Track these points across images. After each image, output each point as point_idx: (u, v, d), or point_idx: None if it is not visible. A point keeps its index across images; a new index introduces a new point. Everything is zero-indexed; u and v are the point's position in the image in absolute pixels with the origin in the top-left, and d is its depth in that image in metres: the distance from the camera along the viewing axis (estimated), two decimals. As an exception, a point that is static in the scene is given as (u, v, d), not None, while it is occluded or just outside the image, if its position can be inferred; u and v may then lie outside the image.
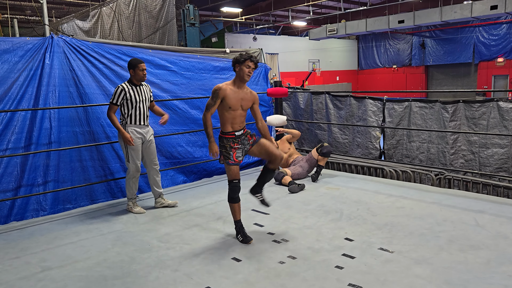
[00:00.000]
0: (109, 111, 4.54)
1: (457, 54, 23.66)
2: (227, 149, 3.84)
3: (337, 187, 5.64)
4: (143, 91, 4.68)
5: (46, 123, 4.93)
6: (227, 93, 3.78)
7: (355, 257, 3.49)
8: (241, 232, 3.94)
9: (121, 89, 4.54)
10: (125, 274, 3.35)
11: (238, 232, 3.97)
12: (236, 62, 3.83)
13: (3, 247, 3.96)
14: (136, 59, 4.63)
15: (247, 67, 3.81)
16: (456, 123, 6.25)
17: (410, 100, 6.72)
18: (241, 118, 3.90)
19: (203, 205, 5.08)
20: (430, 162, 6.53)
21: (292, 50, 23.66)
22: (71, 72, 5.13)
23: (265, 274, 3.26)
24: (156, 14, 9.55)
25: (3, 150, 4.64)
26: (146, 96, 4.70)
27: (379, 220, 4.35)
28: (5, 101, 4.64)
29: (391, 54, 26.74)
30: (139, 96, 4.61)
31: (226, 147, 3.84)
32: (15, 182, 4.74)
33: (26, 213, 4.81)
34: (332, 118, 7.57)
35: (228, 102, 3.78)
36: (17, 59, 4.72)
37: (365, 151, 7.19)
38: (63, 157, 5.06)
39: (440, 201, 4.89)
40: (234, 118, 3.83)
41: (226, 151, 3.84)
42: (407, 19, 16.90)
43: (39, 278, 3.31)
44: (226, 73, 6.73)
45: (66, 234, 4.26)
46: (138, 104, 4.62)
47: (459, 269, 3.24)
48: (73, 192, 5.15)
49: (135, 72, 4.56)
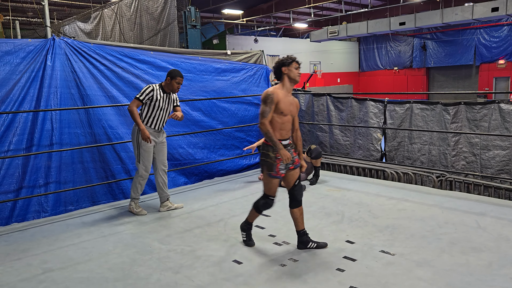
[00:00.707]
0: (132, 104, 4.48)
1: (458, 56, 23.66)
2: (272, 159, 3.55)
3: (338, 189, 5.63)
4: (170, 100, 4.72)
5: (48, 124, 4.94)
6: (280, 97, 3.54)
7: (357, 260, 3.48)
8: (248, 233, 3.89)
9: (151, 88, 4.54)
10: (126, 276, 3.35)
11: (245, 231, 3.89)
12: (282, 65, 3.62)
13: (4, 248, 3.96)
14: (179, 72, 4.66)
15: (295, 67, 3.64)
16: (457, 125, 6.24)
17: (412, 102, 6.72)
18: (289, 125, 3.66)
19: (205, 207, 5.07)
20: (431, 164, 6.52)
21: (293, 52, 23.56)
22: (73, 74, 5.14)
23: (266, 277, 3.26)
24: (158, 16, 9.56)
25: (5, 152, 4.65)
26: (171, 105, 4.75)
27: (380, 222, 4.34)
28: (7, 102, 4.64)
29: (392, 56, 26.75)
30: (164, 103, 4.63)
31: (272, 157, 3.55)
32: (16, 183, 4.74)
33: (28, 214, 4.82)
34: (333, 119, 7.57)
35: (281, 106, 3.53)
36: (18, 61, 4.72)
37: (366, 153, 7.19)
38: (64, 159, 5.06)
39: (441, 203, 4.88)
40: (283, 124, 3.58)
41: (271, 161, 3.56)
42: (408, 21, 16.92)
43: (41, 280, 3.31)
44: (228, 75, 6.74)
45: (68, 235, 4.26)
46: (161, 110, 4.62)
47: (461, 272, 3.23)
48: (74, 193, 5.16)
49: (171, 82, 4.60)
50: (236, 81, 6.84)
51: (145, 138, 4.49)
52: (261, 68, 7.23)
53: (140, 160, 4.63)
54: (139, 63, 5.73)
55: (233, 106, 6.79)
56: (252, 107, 7.03)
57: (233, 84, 6.81)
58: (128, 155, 5.57)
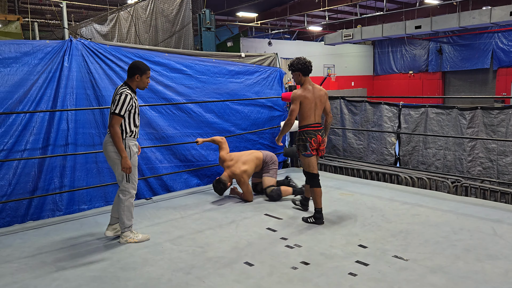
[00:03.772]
0: (115, 124, 3.76)
1: (475, 60, 23.29)
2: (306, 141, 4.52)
3: (351, 193, 5.58)
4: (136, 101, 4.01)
5: (64, 124, 5.01)
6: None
7: (369, 264, 3.45)
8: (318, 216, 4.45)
9: (130, 97, 3.83)
10: (138, 275, 3.37)
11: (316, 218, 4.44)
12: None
13: (19, 246, 4.03)
14: (144, 63, 4.02)
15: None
16: (473, 130, 6.14)
17: (427, 106, 6.63)
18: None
19: (216, 208, 5.08)
20: (446, 169, 6.42)
21: (307, 55, 23.44)
22: (89, 75, 5.20)
23: (277, 279, 3.24)
24: (173, 19, 9.64)
25: (22, 151, 4.72)
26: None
27: (393, 227, 4.29)
28: (25, 102, 4.72)
29: (407, 60, 26.47)
30: (136, 107, 3.95)
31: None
32: (32, 182, 4.82)
33: (43, 213, 4.89)
34: (346, 123, 7.52)
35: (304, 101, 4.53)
36: (36, 62, 4.81)
37: (380, 157, 7.12)
38: (79, 159, 5.12)
39: (456, 209, 4.80)
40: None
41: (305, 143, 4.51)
42: (424, 24, 16.72)
43: (54, 278, 3.35)
44: (241, 77, 6.75)
45: (81, 234, 4.31)
46: (138, 116, 3.98)
47: (476, 279, 3.16)
48: (88, 193, 5.22)
49: (142, 79, 3.97)
50: (249, 84, 6.85)
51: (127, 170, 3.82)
52: (275, 71, 7.23)
53: (128, 179, 3.90)
54: (154, 64, 5.78)
55: (246, 108, 6.80)
56: (265, 109, 7.02)
57: (247, 86, 6.82)
58: (141, 155, 5.61)
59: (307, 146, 4.40)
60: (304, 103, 4.40)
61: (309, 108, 4.43)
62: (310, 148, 4.41)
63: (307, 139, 4.42)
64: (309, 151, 4.41)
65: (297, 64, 4.46)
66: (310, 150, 4.41)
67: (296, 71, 4.49)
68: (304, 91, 4.43)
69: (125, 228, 4.00)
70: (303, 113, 4.44)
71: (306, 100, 4.40)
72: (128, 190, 3.93)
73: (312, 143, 4.42)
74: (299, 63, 4.45)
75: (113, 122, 3.77)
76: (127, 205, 3.94)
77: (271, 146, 7.21)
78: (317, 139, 4.45)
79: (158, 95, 5.80)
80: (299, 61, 4.47)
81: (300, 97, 4.40)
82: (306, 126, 4.46)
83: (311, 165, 4.47)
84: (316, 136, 4.45)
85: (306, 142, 4.41)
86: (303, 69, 4.46)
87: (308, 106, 4.42)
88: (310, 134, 4.44)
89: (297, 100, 4.39)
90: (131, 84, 3.96)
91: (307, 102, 4.41)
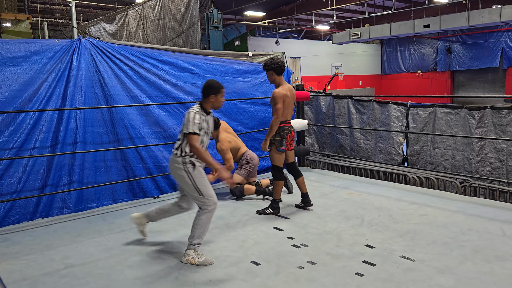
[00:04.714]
0: (195, 144, 3.48)
1: (485, 59, 23.06)
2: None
3: (358, 193, 5.56)
4: (211, 120, 3.74)
5: (72, 123, 5.05)
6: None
7: (376, 265, 3.43)
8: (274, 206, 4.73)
9: (203, 118, 3.57)
10: (145, 273, 3.39)
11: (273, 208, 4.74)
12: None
13: (28, 243, 4.07)
14: (218, 82, 3.73)
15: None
16: (482, 130, 6.09)
17: (435, 106, 6.59)
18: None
19: (224, 207, 5.09)
20: (455, 169, 6.38)
21: (314, 54, 23.56)
22: (97, 74, 5.24)
23: (284, 279, 3.25)
24: (181, 18, 9.67)
25: (31, 149, 4.77)
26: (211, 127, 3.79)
27: (401, 227, 4.27)
28: (34, 101, 4.77)
29: (416, 59, 26.29)
30: (208, 127, 3.67)
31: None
32: (41, 180, 4.86)
33: (51, 210, 4.93)
34: (354, 122, 7.49)
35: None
36: (46, 61, 4.85)
37: (388, 157, 7.08)
38: (87, 157, 5.16)
39: (465, 209, 4.77)
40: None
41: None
42: (433, 23, 16.60)
43: (62, 275, 3.39)
44: (248, 76, 6.76)
45: (89, 232, 4.34)
46: (207, 136, 3.69)
47: (485, 280, 3.14)
48: (96, 191, 5.26)
49: (217, 99, 3.65)
50: (257, 83, 6.85)
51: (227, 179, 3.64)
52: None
53: (201, 192, 3.55)
54: (162, 63, 5.80)
55: (254, 107, 6.80)
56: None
57: (254, 85, 6.82)
58: (149, 154, 5.64)
59: (283, 142, 4.67)
60: (285, 102, 4.65)
61: (288, 106, 4.70)
62: (285, 143, 4.70)
63: (283, 135, 4.67)
64: (284, 146, 4.70)
65: (270, 64, 4.65)
66: (284, 146, 4.70)
67: (270, 71, 4.68)
68: (284, 90, 4.66)
69: (191, 245, 3.59)
70: (282, 110, 4.67)
71: (287, 99, 4.66)
72: (204, 203, 3.57)
73: (288, 138, 4.72)
74: (273, 63, 4.65)
75: (192, 142, 3.49)
76: (202, 218, 3.57)
77: (278, 145, 7.21)
78: (291, 135, 4.76)
79: (165, 94, 5.82)
80: (272, 61, 4.67)
81: (284, 96, 4.63)
82: (283, 123, 4.71)
83: (281, 160, 4.78)
84: (290, 132, 4.74)
85: (283, 137, 4.67)
86: (277, 69, 4.66)
87: (287, 105, 4.68)
88: (286, 130, 4.72)
89: (282, 98, 4.61)
90: (205, 105, 3.64)
91: (288, 101, 4.68)
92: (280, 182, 4.79)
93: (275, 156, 4.74)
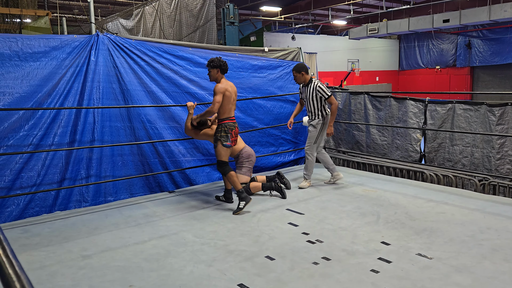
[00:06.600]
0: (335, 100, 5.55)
1: (506, 54, 22.49)
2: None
3: (374, 190, 5.51)
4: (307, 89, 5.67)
5: (90, 117, 5.12)
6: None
7: (392, 262, 3.40)
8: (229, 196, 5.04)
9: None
10: (160, 266, 3.43)
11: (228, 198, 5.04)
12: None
13: (47, 235, 4.16)
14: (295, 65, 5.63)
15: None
16: (503, 127, 5.95)
17: (454, 102, 6.46)
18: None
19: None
20: (473, 167, 6.26)
21: (331, 49, 23.37)
22: (115, 69, 5.30)
23: (299, 274, 3.24)
24: (197, 13, 9.70)
25: (50, 143, 4.86)
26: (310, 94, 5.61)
27: (417, 225, 4.21)
28: (53, 95, 4.85)
29: (434, 55, 25.82)
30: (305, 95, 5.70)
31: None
32: (60, 173, 4.95)
33: (70, 203, 5.02)
34: (370, 119, 7.42)
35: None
36: (64, 56, 4.92)
37: (405, 154, 6.99)
38: (105, 151, 5.23)
39: (483, 208, 4.68)
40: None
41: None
42: (453, 18, 16.28)
43: (80, 267, 3.45)
44: (264, 72, 6.74)
45: (106, 225, 4.41)
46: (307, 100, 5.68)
47: (503, 280, 3.08)
48: (113, 185, 5.33)
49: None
50: (272, 78, 6.83)
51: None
52: (298, 65, 7.16)
53: (316, 141, 5.63)
54: (178, 59, 5.83)
55: (269, 103, 6.79)
56: (288, 104, 7.00)
57: (270, 81, 6.80)
58: (164, 149, 5.69)
59: (229, 137, 4.82)
60: (226, 96, 4.76)
61: (229, 102, 4.79)
62: (230, 139, 4.84)
63: (228, 131, 4.82)
64: (230, 141, 4.84)
65: (217, 61, 4.79)
66: (230, 141, 4.84)
67: (215, 68, 4.79)
68: (225, 85, 4.78)
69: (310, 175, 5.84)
70: (224, 106, 4.78)
71: (227, 93, 4.77)
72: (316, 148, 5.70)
73: (233, 134, 4.86)
74: (220, 61, 4.80)
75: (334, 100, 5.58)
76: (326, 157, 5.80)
77: (294, 141, 7.18)
78: (235, 131, 4.91)
79: (181, 89, 5.86)
80: (219, 60, 4.81)
81: (224, 90, 4.74)
82: (227, 119, 4.84)
83: (227, 155, 4.92)
84: (235, 127, 4.90)
85: (228, 133, 4.81)
86: (222, 67, 4.80)
87: (228, 100, 4.78)
88: (231, 126, 4.85)
89: (222, 92, 4.72)
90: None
91: (228, 95, 4.78)
92: (231, 173, 4.85)
93: (222, 152, 4.85)
